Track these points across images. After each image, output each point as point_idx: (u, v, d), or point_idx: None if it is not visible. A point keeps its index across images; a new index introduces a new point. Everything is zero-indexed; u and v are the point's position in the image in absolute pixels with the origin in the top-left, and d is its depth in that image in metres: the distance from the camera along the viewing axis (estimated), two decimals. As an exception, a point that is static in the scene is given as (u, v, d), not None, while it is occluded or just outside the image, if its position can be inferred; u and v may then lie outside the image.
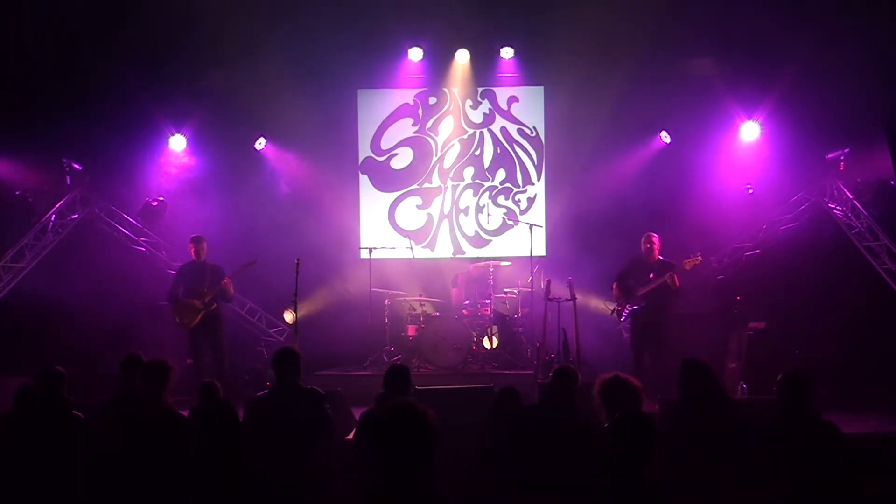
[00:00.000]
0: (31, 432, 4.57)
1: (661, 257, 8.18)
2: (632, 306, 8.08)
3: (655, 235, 8.22)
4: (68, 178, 9.89)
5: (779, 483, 4.23)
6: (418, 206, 11.15)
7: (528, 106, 11.12)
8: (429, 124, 11.15)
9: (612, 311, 8.31)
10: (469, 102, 11.12)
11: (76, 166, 9.93)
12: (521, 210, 11.04)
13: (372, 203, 11.15)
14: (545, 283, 8.75)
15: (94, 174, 10.09)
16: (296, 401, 4.87)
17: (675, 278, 7.85)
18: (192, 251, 8.35)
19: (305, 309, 9.51)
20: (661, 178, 10.32)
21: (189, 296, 8.10)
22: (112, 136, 9.90)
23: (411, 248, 10.27)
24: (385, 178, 11.17)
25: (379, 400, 4.93)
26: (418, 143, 11.15)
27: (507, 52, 10.77)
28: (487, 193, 11.12)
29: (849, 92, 9.06)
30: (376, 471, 2.77)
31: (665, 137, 10.52)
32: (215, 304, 8.18)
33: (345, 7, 9.96)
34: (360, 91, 11.12)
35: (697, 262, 8.04)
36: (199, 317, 8.06)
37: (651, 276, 8.02)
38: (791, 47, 9.32)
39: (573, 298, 8.33)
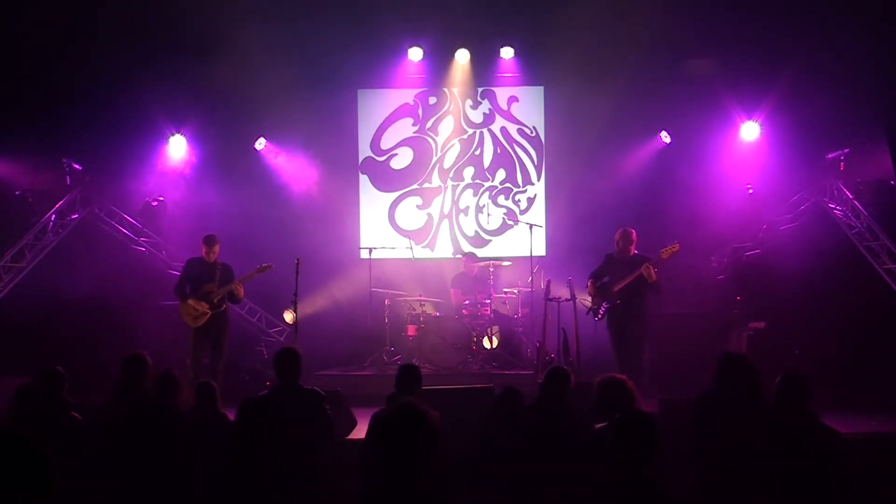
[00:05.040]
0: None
1: (636, 252, 7.88)
2: (608, 303, 7.82)
3: (633, 230, 7.94)
4: (68, 178, 9.88)
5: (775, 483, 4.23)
6: (418, 206, 11.15)
7: (528, 106, 11.12)
8: (429, 124, 11.15)
9: (589, 311, 8.06)
10: (469, 102, 11.13)
11: (76, 166, 9.92)
12: (521, 210, 11.04)
13: (372, 203, 11.15)
14: (545, 283, 8.74)
15: (94, 174, 10.08)
16: (296, 401, 4.86)
17: (652, 271, 7.52)
18: (204, 252, 8.03)
19: (305, 309, 9.50)
20: (662, 178, 10.32)
21: (198, 294, 7.89)
22: (112, 136, 9.91)
23: (411, 248, 10.28)
24: (385, 178, 11.17)
25: (389, 399, 4.92)
26: (418, 143, 11.15)
27: (507, 52, 10.78)
28: (487, 193, 11.12)
29: (849, 92, 9.08)
30: (378, 469, 2.77)
31: (665, 137, 10.52)
32: (224, 305, 8.01)
33: (345, 7, 9.96)
34: (360, 91, 11.13)
35: (675, 250, 7.64)
36: (207, 317, 7.88)
37: (627, 270, 7.72)
38: (791, 47, 9.33)
39: (573, 298, 8.31)
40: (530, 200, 11.08)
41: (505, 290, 9.91)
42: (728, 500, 4.30)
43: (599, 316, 7.91)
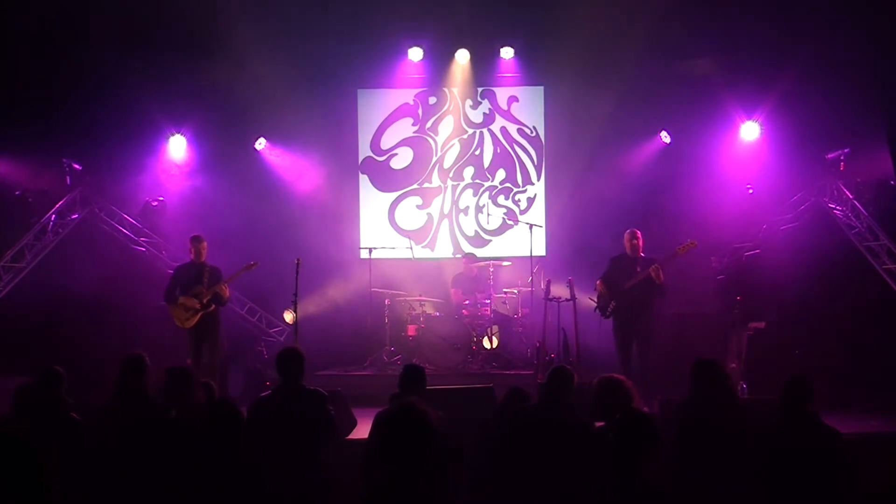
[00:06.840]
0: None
1: (643, 254, 7.99)
2: (616, 302, 7.89)
3: (638, 230, 8.05)
4: (68, 178, 9.87)
5: (776, 485, 4.23)
6: (418, 206, 11.14)
7: (528, 106, 11.11)
8: (429, 124, 11.15)
9: (596, 308, 8.12)
10: (469, 102, 11.12)
11: (76, 166, 9.92)
12: (521, 210, 11.03)
13: (372, 203, 11.15)
14: (545, 283, 8.74)
15: (94, 174, 10.08)
16: (299, 401, 4.86)
17: (660, 273, 7.66)
18: (192, 251, 8.17)
19: (305, 309, 9.50)
20: (661, 179, 10.31)
21: (187, 296, 8.00)
22: (112, 136, 9.91)
23: (411, 248, 10.28)
24: (385, 178, 11.17)
25: (392, 399, 4.92)
26: (418, 143, 11.15)
27: (507, 52, 10.76)
28: (487, 193, 11.11)
29: (849, 92, 9.07)
30: (378, 469, 2.77)
31: (665, 137, 10.51)
32: (213, 306, 8.06)
33: (345, 7, 9.96)
34: (360, 91, 11.12)
35: (692, 246, 7.79)
36: (198, 318, 7.96)
37: (637, 269, 7.85)
38: (791, 47, 9.32)
39: (573, 298, 8.31)
40: (530, 200, 11.07)
41: (505, 290, 9.91)
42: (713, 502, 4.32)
43: (607, 315, 7.95)
